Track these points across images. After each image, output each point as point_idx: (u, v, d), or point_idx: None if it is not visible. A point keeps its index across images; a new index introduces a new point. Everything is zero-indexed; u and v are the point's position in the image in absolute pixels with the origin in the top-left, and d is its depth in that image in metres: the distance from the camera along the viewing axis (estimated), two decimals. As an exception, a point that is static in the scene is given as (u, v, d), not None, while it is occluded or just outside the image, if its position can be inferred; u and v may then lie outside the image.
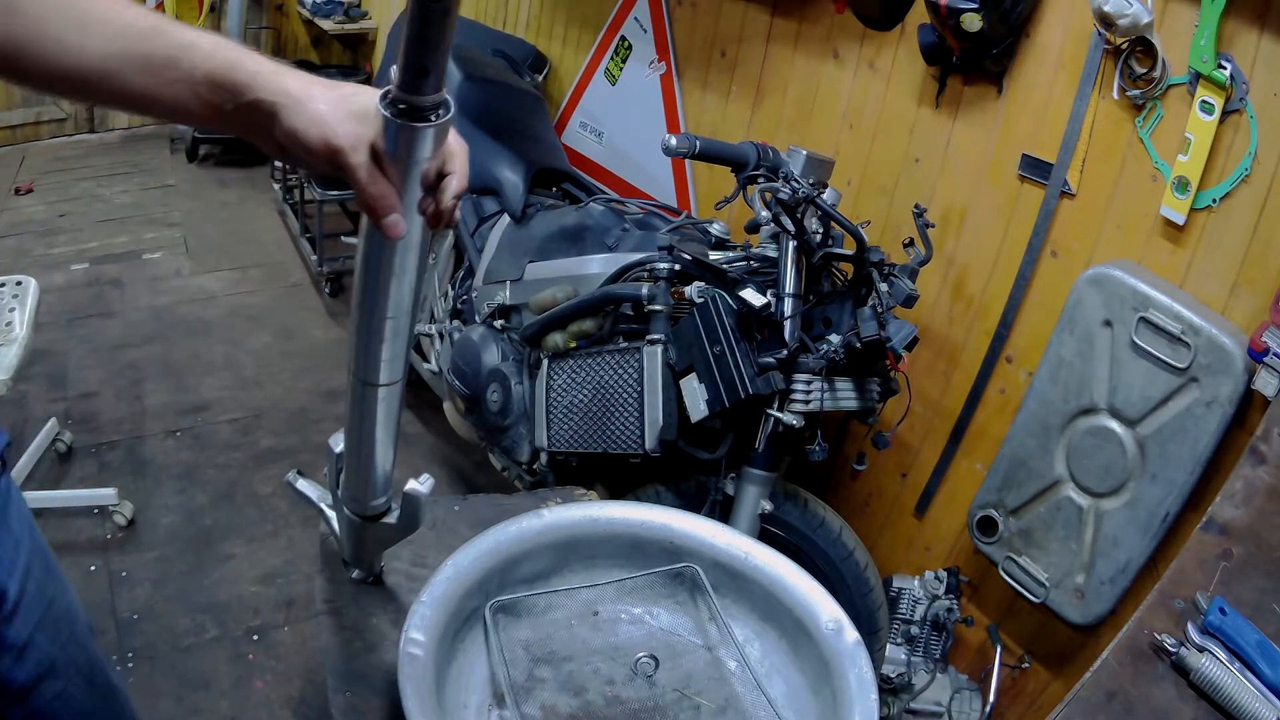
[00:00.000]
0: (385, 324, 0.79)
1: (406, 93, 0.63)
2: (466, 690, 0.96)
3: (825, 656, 0.97)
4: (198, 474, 2.62)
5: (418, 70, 0.61)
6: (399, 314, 0.79)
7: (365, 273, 0.77)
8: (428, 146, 0.67)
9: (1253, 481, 1.20)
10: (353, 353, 0.84)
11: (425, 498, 0.97)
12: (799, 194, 1.65)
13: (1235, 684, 0.93)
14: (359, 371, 0.85)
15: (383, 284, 0.76)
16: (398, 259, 0.75)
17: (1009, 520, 1.85)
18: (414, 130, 0.65)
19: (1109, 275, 1.65)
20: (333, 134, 0.67)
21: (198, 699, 1.97)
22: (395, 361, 0.84)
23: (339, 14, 4.51)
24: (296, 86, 0.69)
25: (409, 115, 0.64)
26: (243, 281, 3.70)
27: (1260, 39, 1.48)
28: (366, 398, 0.86)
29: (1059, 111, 1.79)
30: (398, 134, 0.65)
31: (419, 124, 0.64)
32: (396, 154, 0.67)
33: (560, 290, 2.04)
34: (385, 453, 0.93)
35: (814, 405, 1.71)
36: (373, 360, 0.83)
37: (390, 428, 0.91)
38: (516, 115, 2.70)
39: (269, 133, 0.70)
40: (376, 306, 0.78)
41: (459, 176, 0.72)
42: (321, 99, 0.68)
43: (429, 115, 0.65)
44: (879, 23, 2.11)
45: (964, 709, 1.96)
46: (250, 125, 0.70)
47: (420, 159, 0.68)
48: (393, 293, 0.77)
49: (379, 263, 0.75)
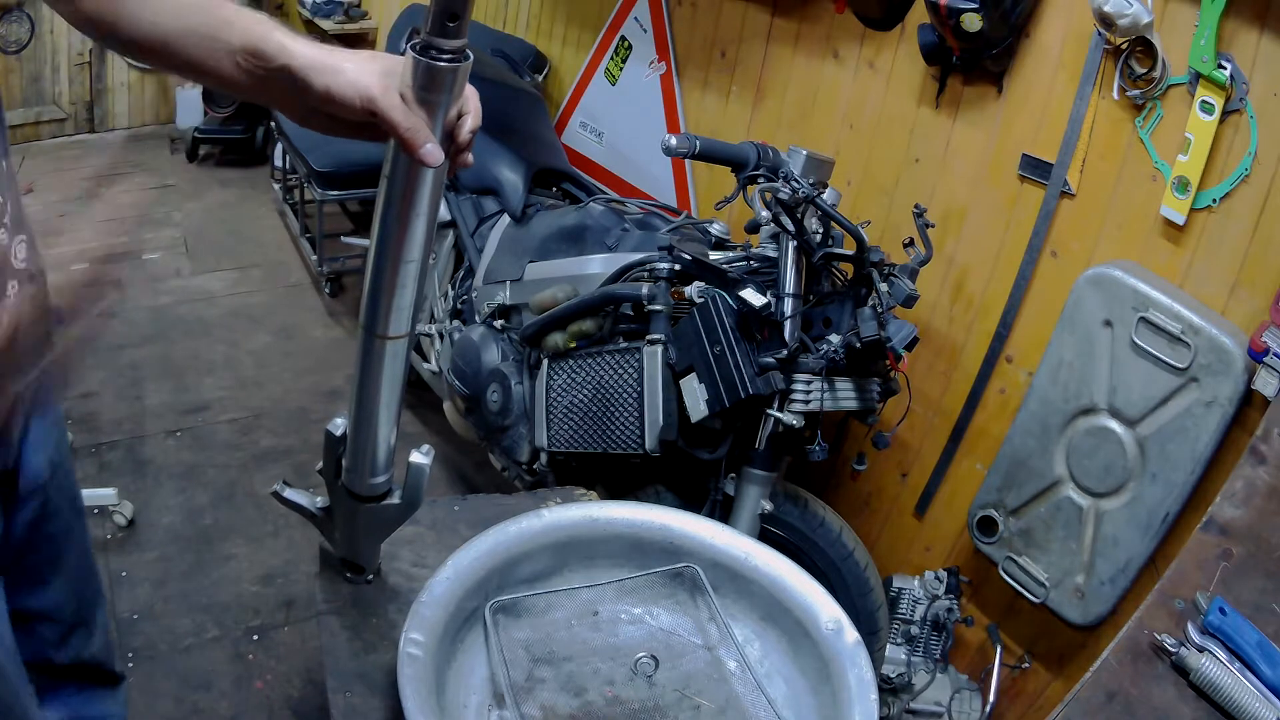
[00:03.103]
0: (401, 267, 0.84)
1: (437, 36, 0.71)
2: (466, 690, 0.96)
3: (825, 657, 0.97)
4: (198, 474, 2.62)
5: (449, 15, 0.69)
6: (415, 257, 0.84)
7: (387, 216, 0.82)
8: (454, 86, 0.75)
9: (1253, 481, 1.20)
10: (365, 304, 0.88)
11: (428, 467, 1.00)
12: (799, 194, 1.65)
13: (1235, 684, 0.93)
14: (369, 324, 0.88)
15: (404, 223, 0.82)
16: (419, 198, 0.81)
17: (1009, 520, 1.85)
18: (443, 70, 0.73)
19: (1109, 275, 1.65)
20: (366, 86, 0.76)
21: (198, 699, 1.97)
22: (405, 312, 0.88)
23: (339, 14, 4.51)
24: (323, 54, 0.79)
25: (438, 57, 0.72)
26: (243, 281, 3.70)
27: (1260, 39, 1.48)
28: (375, 352, 0.89)
29: (1059, 111, 1.79)
30: (428, 74, 0.73)
31: (447, 64, 0.73)
32: (425, 94, 0.75)
33: (560, 290, 2.04)
34: (389, 419, 0.95)
35: (814, 405, 1.71)
36: (385, 310, 0.86)
37: (395, 388, 0.93)
38: (516, 115, 2.70)
39: (302, 96, 0.80)
40: (396, 248, 0.83)
41: (474, 115, 0.81)
42: (348, 61, 0.79)
43: (456, 58, 0.73)
44: (879, 23, 2.11)
45: (964, 709, 1.96)
46: (283, 90, 0.80)
47: (446, 98, 0.75)
48: (411, 232, 0.82)
49: (402, 202, 0.81)
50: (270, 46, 0.80)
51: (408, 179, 0.79)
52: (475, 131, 0.82)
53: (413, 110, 0.76)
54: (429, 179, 0.80)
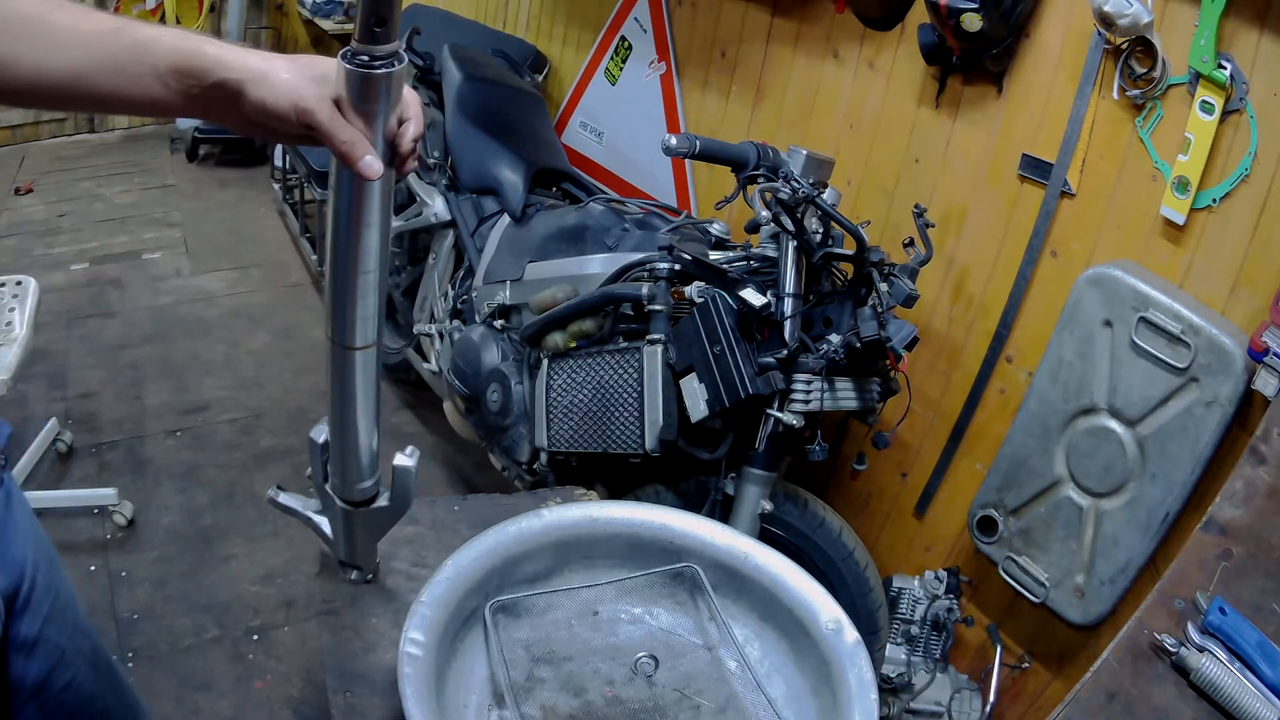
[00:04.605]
0: (359, 279, 0.83)
1: (367, 43, 0.69)
2: (466, 690, 0.96)
3: (825, 656, 0.97)
4: (198, 474, 2.62)
5: (376, 21, 0.68)
6: (371, 268, 0.83)
7: (337, 229, 0.81)
8: (390, 93, 0.73)
9: (1253, 481, 1.20)
10: (329, 317, 0.87)
11: (413, 468, 1.00)
12: (799, 194, 1.65)
13: (1235, 684, 0.93)
14: (336, 335, 0.88)
15: (355, 236, 0.81)
16: (367, 209, 0.79)
17: (1009, 520, 1.85)
18: (376, 78, 0.71)
19: (1109, 275, 1.65)
20: (300, 97, 0.72)
21: (198, 699, 1.97)
22: (369, 321, 0.87)
23: (339, 14, 4.51)
24: (259, 62, 0.74)
25: (371, 65, 0.71)
26: (243, 281, 3.70)
27: (1260, 39, 1.48)
28: (345, 363, 0.89)
29: (1059, 111, 1.79)
30: (362, 83, 0.71)
31: (380, 71, 0.71)
32: (361, 103, 0.73)
33: (560, 290, 2.04)
34: (368, 427, 0.95)
35: (814, 405, 1.71)
36: (348, 321, 0.86)
37: (370, 396, 0.93)
38: (516, 115, 2.70)
39: (238, 109, 0.75)
40: (350, 261, 0.82)
41: (415, 121, 0.78)
42: (284, 69, 0.74)
43: (390, 63, 0.71)
44: (879, 23, 2.11)
45: (964, 709, 1.96)
46: (219, 105, 0.75)
47: (384, 106, 0.73)
48: (364, 244, 0.81)
49: (350, 215, 0.80)
50: (204, 62, 0.74)
51: (353, 191, 0.78)
52: (419, 139, 0.79)
53: (351, 120, 0.73)
54: (376, 189, 0.78)
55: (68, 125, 4.85)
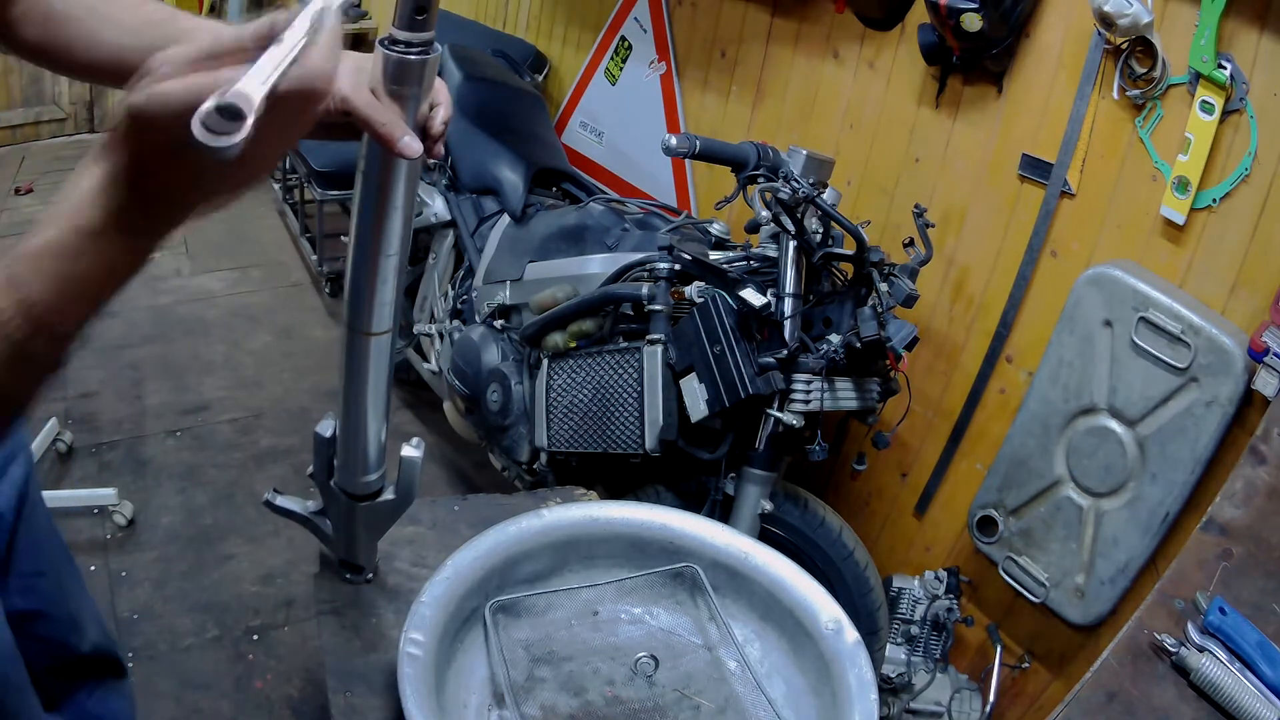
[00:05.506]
0: (381, 262, 0.85)
1: (406, 29, 0.72)
2: (466, 690, 0.96)
3: (825, 656, 0.97)
4: (198, 474, 2.62)
5: (417, 9, 0.70)
6: (394, 251, 0.85)
7: (364, 209, 0.83)
8: (425, 78, 0.75)
9: (1253, 481, 1.20)
10: (348, 302, 0.89)
11: (420, 460, 1.01)
12: (799, 194, 1.65)
13: (1235, 684, 0.93)
14: (353, 321, 0.89)
15: (382, 218, 0.83)
16: (394, 192, 0.82)
17: (1009, 520, 1.85)
18: (414, 63, 0.73)
19: (1109, 275, 1.65)
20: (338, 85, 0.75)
21: (198, 699, 1.97)
22: (388, 308, 0.89)
23: (339, 14, 4.50)
24: None
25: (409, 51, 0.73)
26: (243, 281, 3.70)
27: (1260, 39, 1.48)
28: (360, 349, 0.90)
29: (1059, 111, 1.79)
30: (399, 69, 0.74)
31: (418, 57, 0.73)
32: (397, 88, 0.75)
33: (560, 290, 2.04)
34: (379, 417, 0.96)
35: (814, 405, 1.71)
36: (368, 306, 0.88)
37: (382, 385, 0.94)
38: (516, 115, 2.70)
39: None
40: (376, 243, 0.84)
41: (445, 106, 0.82)
42: None
43: (425, 50, 0.74)
44: (879, 23, 2.11)
45: (964, 709, 1.96)
46: None
47: (417, 91, 0.76)
48: (391, 226, 0.83)
49: (378, 197, 0.82)
50: None
51: (383, 174, 0.81)
52: (448, 122, 0.83)
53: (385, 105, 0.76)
54: (404, 173, 0.81)
55: (68, 125, 4.84)
